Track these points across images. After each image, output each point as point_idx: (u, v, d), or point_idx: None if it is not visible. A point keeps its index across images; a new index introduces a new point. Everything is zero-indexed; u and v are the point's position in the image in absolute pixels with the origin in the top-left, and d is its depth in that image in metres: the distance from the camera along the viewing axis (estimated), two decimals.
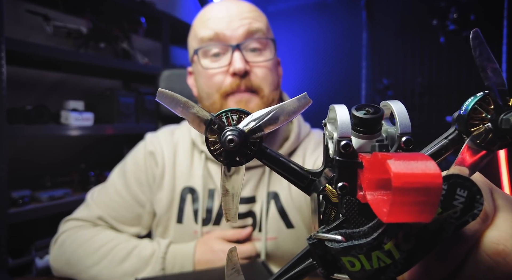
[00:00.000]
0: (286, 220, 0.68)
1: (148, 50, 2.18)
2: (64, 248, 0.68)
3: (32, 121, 1.37)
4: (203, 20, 0.66)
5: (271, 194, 0.70)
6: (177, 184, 0.73)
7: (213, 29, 0.63)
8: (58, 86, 1.78)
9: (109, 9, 1.77)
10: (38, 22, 1.58)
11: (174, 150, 0.75)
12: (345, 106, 0.23)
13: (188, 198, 0.71)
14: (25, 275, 1.38)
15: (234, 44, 0.62)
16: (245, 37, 0.63)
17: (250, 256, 0.66)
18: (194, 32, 0.68)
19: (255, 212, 0.70)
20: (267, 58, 0.65)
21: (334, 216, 0.23)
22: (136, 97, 1.81)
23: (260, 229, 0.68)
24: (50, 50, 1.40)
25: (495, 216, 0.21)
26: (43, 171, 1.58)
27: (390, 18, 2.00)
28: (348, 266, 0.20)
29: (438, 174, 0.16)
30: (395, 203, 0.16)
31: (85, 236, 0.69)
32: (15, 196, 1.32)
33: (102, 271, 0.63)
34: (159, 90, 0.23)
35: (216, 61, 0.64)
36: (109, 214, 0.73)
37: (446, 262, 0.21)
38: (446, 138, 0.24)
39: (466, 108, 0.23)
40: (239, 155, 0.23)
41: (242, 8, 0.65)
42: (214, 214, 0.70)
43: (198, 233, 0.69)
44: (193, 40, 0.68)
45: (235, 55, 0.62)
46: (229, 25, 0.62)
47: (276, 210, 0.69)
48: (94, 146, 1.77)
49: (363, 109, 0.23)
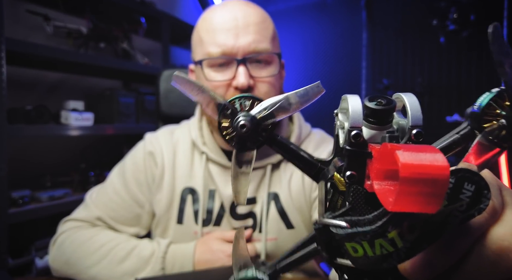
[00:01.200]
0: (286, 220, 0.69)
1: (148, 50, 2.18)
2: (63, 249, 0.68)
3: (32, 121, 1.37)
4: (210, 30, 0.64)
5: (271, 194, 0.70)
6: (177, 184, 0.72)
7: (221, 45, 0.62)
8: (58, 86, 1.78)
9: (109, 9, 1.77)
10: (38, 22, 1.58)
11: (173, 150, 0.75)
12: (358, 96, 0.23)
13: (188, 199, 0.71)
14: (25, 275, 1.38)
15: (239, 58, 0.62)
16: (251, 51, 0.63)
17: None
18: (199, 36, 0.67)
19: (256, 213, 0.70)
20: (271, 74, 0.65)
21: (340, 204, 0.23)
22: (136, 97, 1.81)
23: (261, 230, 0.68)
24: (50, 50, 1.40)
25: (503, 212, 0.21)
26: (43, 171, 1.58)
27: (390, 18, 2.00)
28: (352, 252, 0.20)
29: (446, 166, 0.16)
30: (402, 192, 0.16)
31: (84, 237, 0.68)
32: (15, 196, 1.32)
33: (101, 271, 0.63)
34: (175, 74, 0.24)
35: (220, 71, 0.64)
36: (107, 214, 0.72)
37: (450, 254, 0.21)
38: (458, 134, 0.24)
39: (480, 105, 0.23)
40: (250, 141, 0.24)
41: (250, 18, 0.64)
42: (214, 215, 0.70)
43: (198, 234, 0.69)
44: (198, 45, 0.67)
45: (239, 69, 0.62)
46: (236, 40, 0.62)
47: (276, 211, 0.69)
48: (94, 146, 1.77)
49: (376, 101, 0.23)
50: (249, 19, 0.63)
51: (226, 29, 0.62)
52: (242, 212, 0.70)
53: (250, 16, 0.64)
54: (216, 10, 0.67)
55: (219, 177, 0.71)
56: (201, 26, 0.67)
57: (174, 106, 1.15)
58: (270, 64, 0.65)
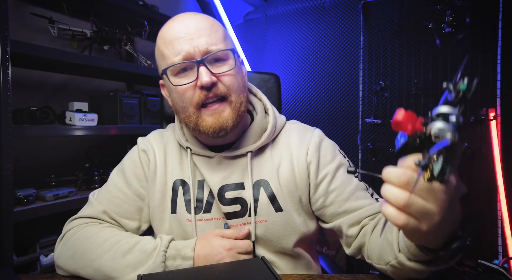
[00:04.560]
0: (276, 204, 0.74)
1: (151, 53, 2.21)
2: (69, 244, 0.72)
3: (37, 122, 1.40)
4: (167, 42, 0.70)
5: (261, 182, 0.75)
6: (168, 178, 0.78)
7: (180, 52, 0.67)
8: (63, 87, 1.81)
9: (112, 12, 1.79)
10: (42, 25, 1.61)
11: (164, 148, 0.82)
12: None
13: (179, 190, 0.76)
14: (30, 272, 1.40)
15: (198, 60, 0.67)
16: (207, 52, 0.68)
17: (248, 251, 0.71)
18: (160, 52, 0.72)
19: (245, 198, 0.75)
20: (230, 68, 0.70)
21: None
22: (140, 98, 1.84)
23: (250, 214, 0.73)
24: (54, 52, 1.42)
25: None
26: (48, 170, 1.60)
27: (387, 21, 2.03)
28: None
29: None
30: None
31: (89, 233, 0.73)
32: (20, 194, 1.34)
33: (105, 263, 0.66)
34: None
35: (184, 76, 0.69)
36: (112, 210, 0.78)
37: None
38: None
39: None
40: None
41: (199, 24, 0.69)
42: (204, 203, 0.76)
43: (192, 221, 0.74)
44: (161, 60, 0.73)
45: (201, 69, 0.66)
46: (191, 43, 0.67)
47: (266, 196, 0.74)
48: (98, 146, 1.79)
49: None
50: (199, 25, 0.69)
51: (181, 37, 0.68)
52: (230, 197, 0.74)
53: (199, 23, 0.70)
54: (168, 25, 0.72)
55: (205, 167, 0.76)
56: (159, 42, 0.72)
57: None
58: (227, 60, 0.70)
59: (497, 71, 1.72)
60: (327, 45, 2.26)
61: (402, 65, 1.99)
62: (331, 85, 2.25)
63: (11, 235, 1.26)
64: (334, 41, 2.23)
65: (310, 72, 2.32)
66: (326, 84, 2.27)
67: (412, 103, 1.96)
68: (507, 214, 1.69)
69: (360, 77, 2.13)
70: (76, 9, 1.71)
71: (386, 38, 2.03)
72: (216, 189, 0.74)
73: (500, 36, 1.72)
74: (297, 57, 2.36)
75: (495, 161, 1.73)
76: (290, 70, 2.38)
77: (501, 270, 0.63)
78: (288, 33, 2.38)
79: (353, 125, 2.15)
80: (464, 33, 1.78)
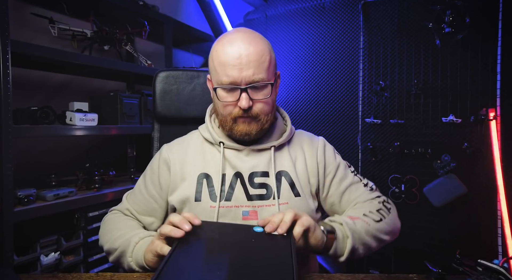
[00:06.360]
0: (294, 190, 0.91)
1: (151, 53, 2.22)
2: (102, 226, 0.97)
3: (38, 122, 1.40)
4: (221, 63, 0.84)
5: (282, 172, 0.92)
6: (192, 174, 0.92)
7: (229, 77, 0.83)
8: (63, 87, 1.81)
9: (112, 13, 1.80)
10: (43, 25, 1.61)
11: (184, 151, 0.97)
12: None
13: (204, 182, 0.91)
14: (30, 272, 1.40)
15: (242, 87, 0.83)
16: (251, 82, 0.83)
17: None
18: (213, 65, 0.87)
19: (269, 184, 0.91)
20: (266, 96, 0.86)
21: None
22: (140, 98, 1.84)
23: (274, 197, 0.89)
24: (55, 52, 1.43)
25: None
26: (49, 170, 1.60)
27: (387, 21, 2.03)
28: None
29: None
30: None
31: (112, 220, 0.96)
32: (20, 194, 1.35)
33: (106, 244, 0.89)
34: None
35: (229, 94, 0.86)
36: (133, 207, 0.98)
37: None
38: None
39: None
40: None
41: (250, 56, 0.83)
42: (225, 193, 0.90)
43: (216, 208, 0.87)
44: (213, 70, 0.88)
45: (242, 95, 0.84)
46: (240, 73, 0.82)
47: (287, 183, 0.91)
48: (99, 146, 1.80)
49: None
50: (250, 58, 0.83)
51: (233, 65, 0.83)
52: (258, 182, 0.90)
53: (251, 55, 0.83)
54: (225, 45, 0.85)
55: (235, 157, 0.92)
56: (215, 57, 0.86)
57: (170, 108, 1.18)
58: (265, 88, 0.86)
59: (497, 71, 1.73)
60: (327, 45, 2.26)
61: (402, 65, 1.99)
62: (331, 85, 2.25)
63: (12, 234, 1.27)
64: (334, 41, 2.23)
65: (310, 72, 2.32)
66: (326, 84, 2.27)
67: (412, 103, 1.96)
68: (507, 214, 1.69)
69: (360, 77, 2.13)
70: (77, 9, 1.72)
71: (386, 38, 2.04)
72: (247, 175, 0.91)
73: (500, 36, 1.72)
74: (297, 57, 2.36)
75: (495, 161, 1.73)
76: (290, 70, 2.38)
77: (501, 270, 0.64)
78: (288, 33, 2.39)
79: (353, 125, 2.15)
80: (464, 33, 1.79)
